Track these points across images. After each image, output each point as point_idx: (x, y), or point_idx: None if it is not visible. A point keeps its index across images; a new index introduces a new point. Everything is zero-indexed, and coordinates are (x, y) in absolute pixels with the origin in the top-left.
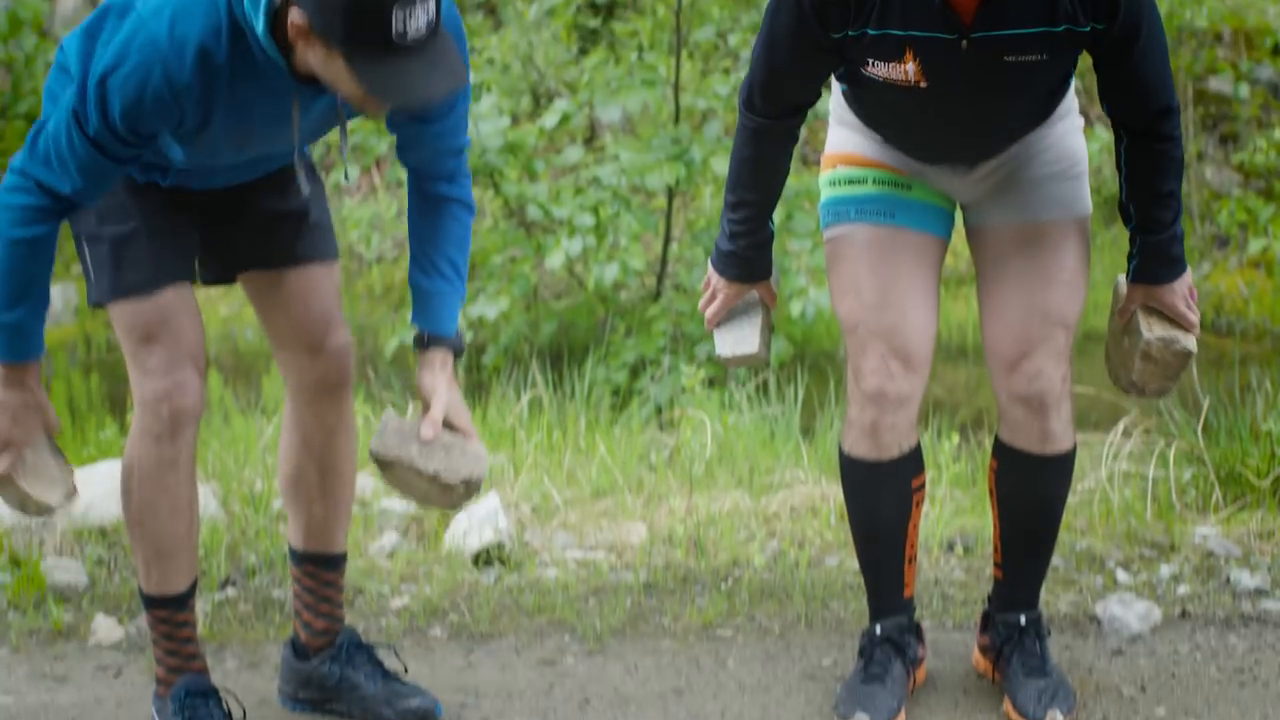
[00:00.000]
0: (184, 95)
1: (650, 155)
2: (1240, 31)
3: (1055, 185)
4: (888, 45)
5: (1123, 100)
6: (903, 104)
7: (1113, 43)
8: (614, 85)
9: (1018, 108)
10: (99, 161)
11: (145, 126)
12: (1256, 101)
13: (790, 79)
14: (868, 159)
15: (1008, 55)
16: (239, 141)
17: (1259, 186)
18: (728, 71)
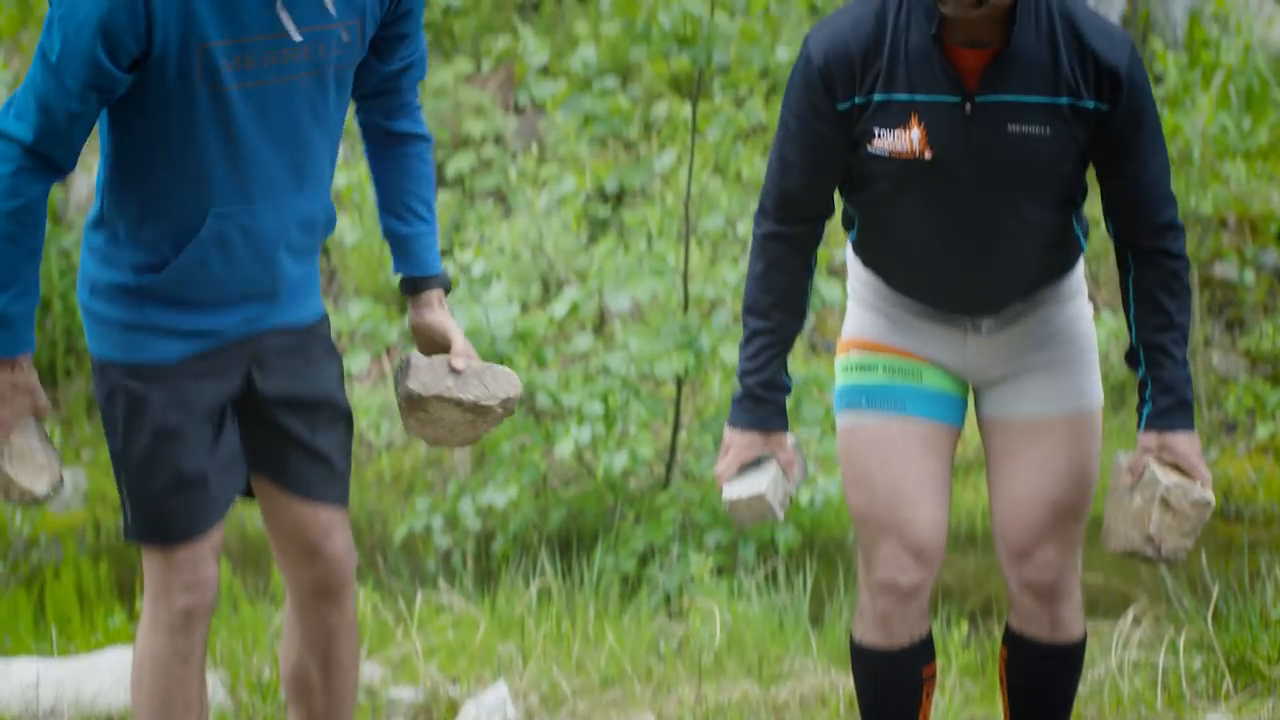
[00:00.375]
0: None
1: (659, 343)
2: (1245, 218)
3: (1067, 377)
4: (893, 111)
5: (1128, 210)
6: (909, 197)
7: (1116, 132)
8: (623, 274)
9: (1028, 212)
10: (66, 92)
11: (117, 30)
12: (1262, 287)
13: (800, 171)
14: (880, 344)
15: (1011, 124)
16: (239, 61)
17: (1266, 372)
18: (736, 260)
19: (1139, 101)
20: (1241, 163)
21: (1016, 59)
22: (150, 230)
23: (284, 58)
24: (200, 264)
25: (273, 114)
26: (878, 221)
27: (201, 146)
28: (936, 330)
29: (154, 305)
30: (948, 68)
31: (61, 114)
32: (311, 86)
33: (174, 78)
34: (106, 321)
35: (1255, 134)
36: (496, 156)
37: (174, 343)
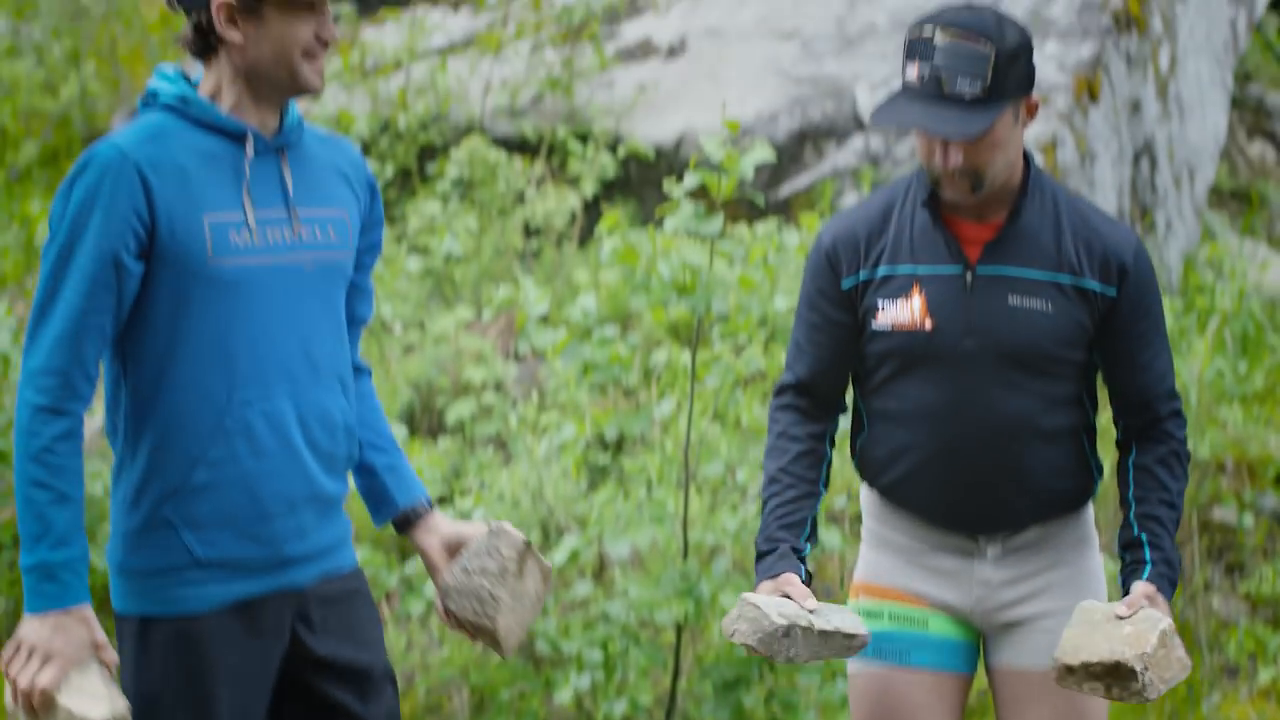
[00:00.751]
0: (138, 160)
1: (659, 590)
2: (1243, 462)
3: None
4: (896, 283)
5: (1134, 398)
6: (914, 381)
7: (1123, 319)
8: (623, 521)
9: (1035, 405)
10: (77, 291)
11: (116, 207)
12: (1261, 531)
13: (812, 357)
14: (886, 589)
15: (1012, 296)
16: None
17: (1267, 615)
18: (735, 507)
19: (1146, 292)
20: (1239, 407)
21: (1019, 234)
22: (175, 448)
23: (285, 236)
24: (231, 460)
25: (281, 295)
26: (886, 415)
27: (214, 330)
28: (943, 563)
29: (190, 534)
30: (950, 240)
31: (79, 328)
32: (315, 272)
33: (182, 255)
34: (141, 572)
35: (1251, 378)
36: (497, 403)
37: (213, 586)
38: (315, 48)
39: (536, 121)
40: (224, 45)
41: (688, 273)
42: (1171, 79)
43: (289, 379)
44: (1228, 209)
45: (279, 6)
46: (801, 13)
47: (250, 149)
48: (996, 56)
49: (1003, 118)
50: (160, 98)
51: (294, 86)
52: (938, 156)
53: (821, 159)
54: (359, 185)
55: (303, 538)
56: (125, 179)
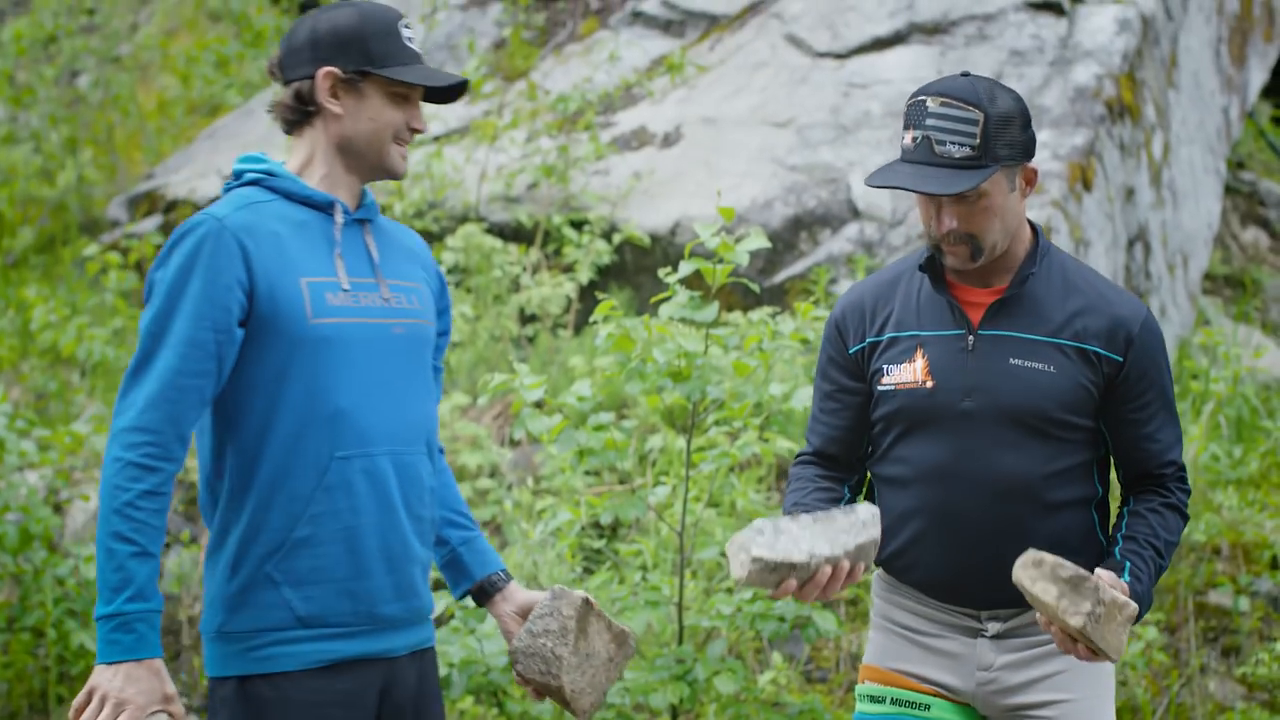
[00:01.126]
0: (235, 227)
1: (654, 674)
2: (1238, 545)
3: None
4: (900, 347)
5: (1136, 465)
6: (919, 445)
7: (1130, 387)
8: (618, 605)
9: (1039, 472)
10: (175, 353)
11: (217, 274)
12: (1257, 614)
13: (825, 425)
14: (890, 673)
15: (1013, 358)
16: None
17: (1263, 699)
18: (730, 590)
19: (1153, 363)
20: (1233, 491)
21: (1023, 299)
22: (278, 505)
23: (375, 301)
24: (332, 515)
25: (375, 356)
26: (890, 482)
27: (315, 388)
28: (945, 645)
29: (291, 590)
30: (953, 304)
31: (174, 390)
32: (404, 337)
33: (283, 317)
34: (241, 634)
35: (1246, 463)
36: (492, 488)
37: (311, 644)
38: (405, 134)
39: (532, 209)
40: (320, 116)
41: (683, 359)
42: (1165, 166)
43: (387, 438)
44: (1221, 295)
45: (379, 86)
46: (796, 102)
47: (339, 217)
48: (985, 121)
49: (994, 181)
50: (246, 175)
51: (381, 167)
52: (933, 221)
53: (816, 246)
54: (429, 270)
55: (398, 599)
56: (224, 246)
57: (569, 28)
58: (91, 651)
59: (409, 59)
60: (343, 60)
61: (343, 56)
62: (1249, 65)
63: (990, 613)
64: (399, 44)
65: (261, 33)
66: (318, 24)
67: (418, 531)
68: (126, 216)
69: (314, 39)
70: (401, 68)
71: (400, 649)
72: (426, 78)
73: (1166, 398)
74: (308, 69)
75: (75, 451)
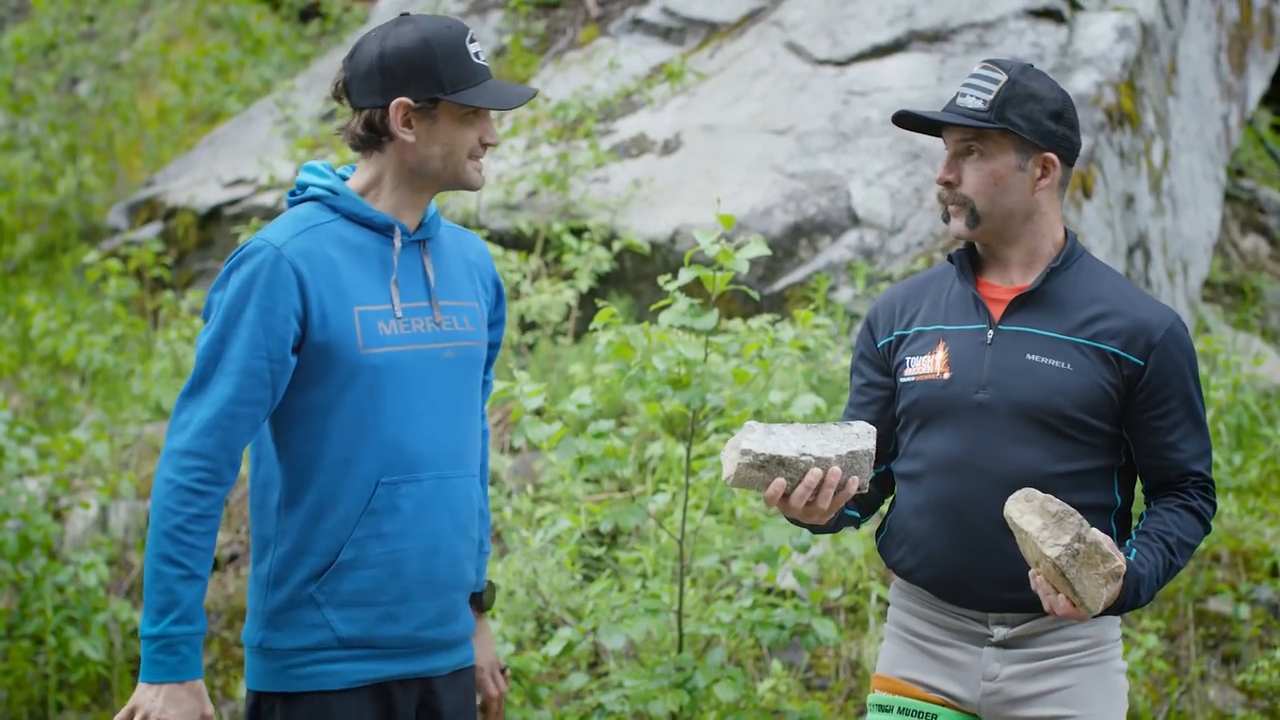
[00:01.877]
0: (292, 255)
1: (654, 682)
2: (1238, 553)
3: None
4: (924, 340)
5: (1160, 474)
6: (937, 438)
7: (1153, 392)
8: (618, 613)
9: (1055, 470)
10: (230, 380)
11: (273, 303)
12: (1257, 622)
13: (853, 413)
14: (899, 681)
15: (1030, 354)
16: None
17: (1263, 706)
18: (730, 598)
19: (1177, 369)
20: (1234, 499)
21: (1047, 297)
22: (324, 527)
23: (427, 325)
24: (378, 539)
25: (425, 381)
26: (907, 478)
27: (364, 415)
28: (952, 654)
29: (334, 612)
30: (978, 300)
31: (227, 417)
32: (455, 360)
33: (335, 345)
34: (283, 651)
35: (1246, 470)
36: (492, 496)
37: (353, 664)
38: (479, 150)
39: (532, 216)
40: (391, 142)
41: (683, 366)
42: (1165, 174)
43: (434, 462)
44: (1221, 302)
45: (452, 111)
46: (796, 109)
47: (398, 241)
48: (1006, 83)
49: (999, 145)
50: (310, 190)
51: (457, 183)
52: (939, 174)
53: (816, 254)
54: (486, 280)
55: (440, 624)
56: (281, 275)
57: (569, 35)
58: (90, 659)
59: (479, 76)
60: (415, 89)
61: (414, 85)
62: (1249, 73)
63: (998, 616)
64: (469, 64)
65: (261, 40)
66: (385, 48)
67: (465, 555)
68: (126, 224)
69: (383, 65)
70: (473, 89)
71: (443, 669)
72: (500, 99)
73: (1192, 407)
74: (378, 99)
75: (75, 459)
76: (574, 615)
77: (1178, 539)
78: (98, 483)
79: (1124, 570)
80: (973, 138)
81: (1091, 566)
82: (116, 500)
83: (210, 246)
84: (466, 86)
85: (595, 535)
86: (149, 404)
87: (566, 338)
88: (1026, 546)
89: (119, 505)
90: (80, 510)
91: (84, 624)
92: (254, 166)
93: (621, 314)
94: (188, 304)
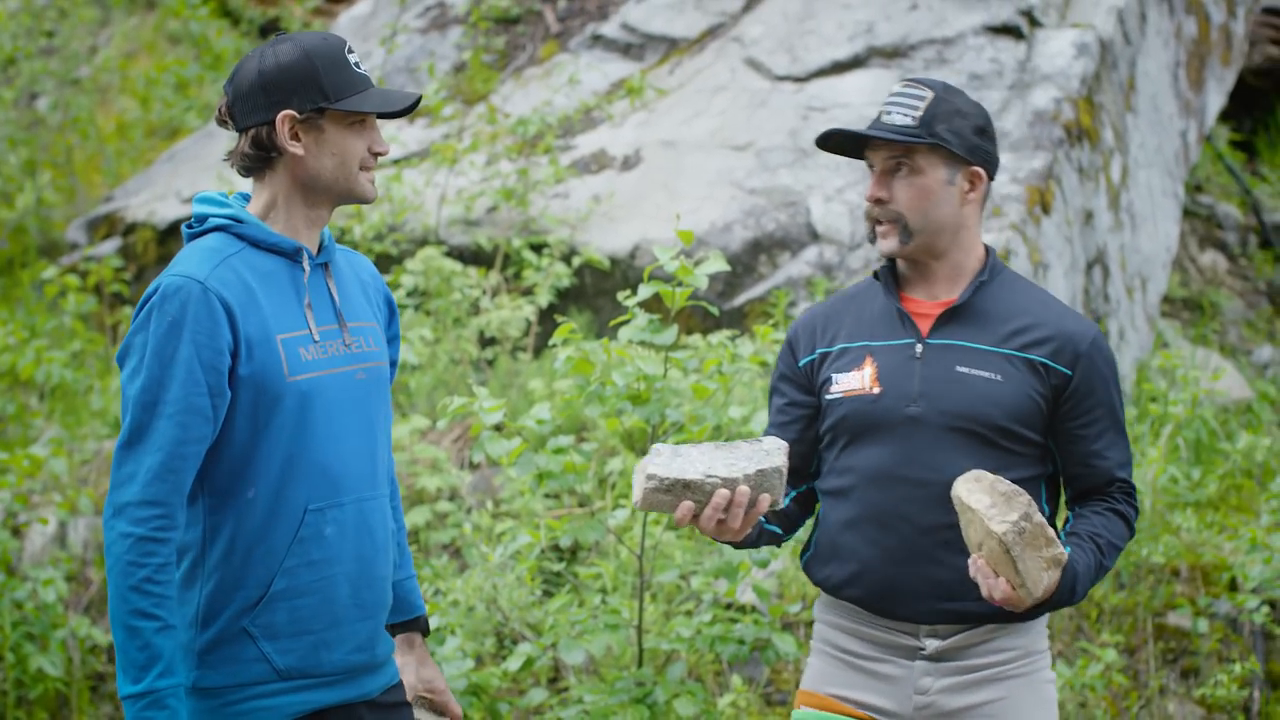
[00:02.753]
0: (216, 288)
1: (614, 697)
2: (1196, 567)
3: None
4: (850, 356)
5: (1084, 481)
6: (865, 452)
7: (1079, 402)
8: (578, 628)
9: (968, 467)
10: (173, 422)
11: (207, 338)
12: (1216, 636)
13: (773, 431)
14: (826, 698)
15: (960, 365)
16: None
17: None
18: (690, 613)
19: (1102, 379)
20: (1192, 513)
21: (973, 310)
22: (254, 559)
23: (339, 349)
24: (307, 567)
25: (342, 405)
26: (834, 494)
27: (289, 443)
28: (883, 668)
29: (269, 644)
30: (904, 315)
31: (177, 459)
32: (366, 382)
33: (261, 376)
34: (217, 690)
35: (1204, 484)
36: (452, 511)
37: (290, 696)
38: (369, 160)
39: (491, 232)
40: (281, 159)
41: (642, 382)
42: (1123, 190)
43: (353, 487)
44: (1180, 318)
45: (336, 120)
46: (755, 125)
47: (307, 265)
48: (932, 100)
49: (929, 161)
50: (211, 220)
51: (351, 195)
52: (870, 191)
53: (776, 269)
54: (379, 300)
55: (371, 646)
56: (211, 309)
57: (529, 51)
58: (49, 675)
59: (361, 85)
60: (298, 101)
61: (297, 97)
62: (1207, 89)
63: (929, 629)
64: (350, 73)
65: (221, 55)
66: (264, 66)
67: (384, 574)
68: (85, 239)
69: (263, 82)
70: (357, 96)
71: (372, 691)
72: (384, 103)
73: (1116, 417)
74: (263, 114)
75: (33, 475)
76: (534, 630)
77: (1107, 540)
78: (56, 499)
79: (1065, 559)
80: (902, 154)
81: (1036, 549)
82: (75, 516)
83: (169, 262)
84: (350, 94)
85: (555, 550)
86: (108, 420)
87: (526, 353)
88: (971, 528)
89: (78, 521)
90: (39, 526)
91: (42, 640)
92: (213, 182)
93: (581, 329)
94: None
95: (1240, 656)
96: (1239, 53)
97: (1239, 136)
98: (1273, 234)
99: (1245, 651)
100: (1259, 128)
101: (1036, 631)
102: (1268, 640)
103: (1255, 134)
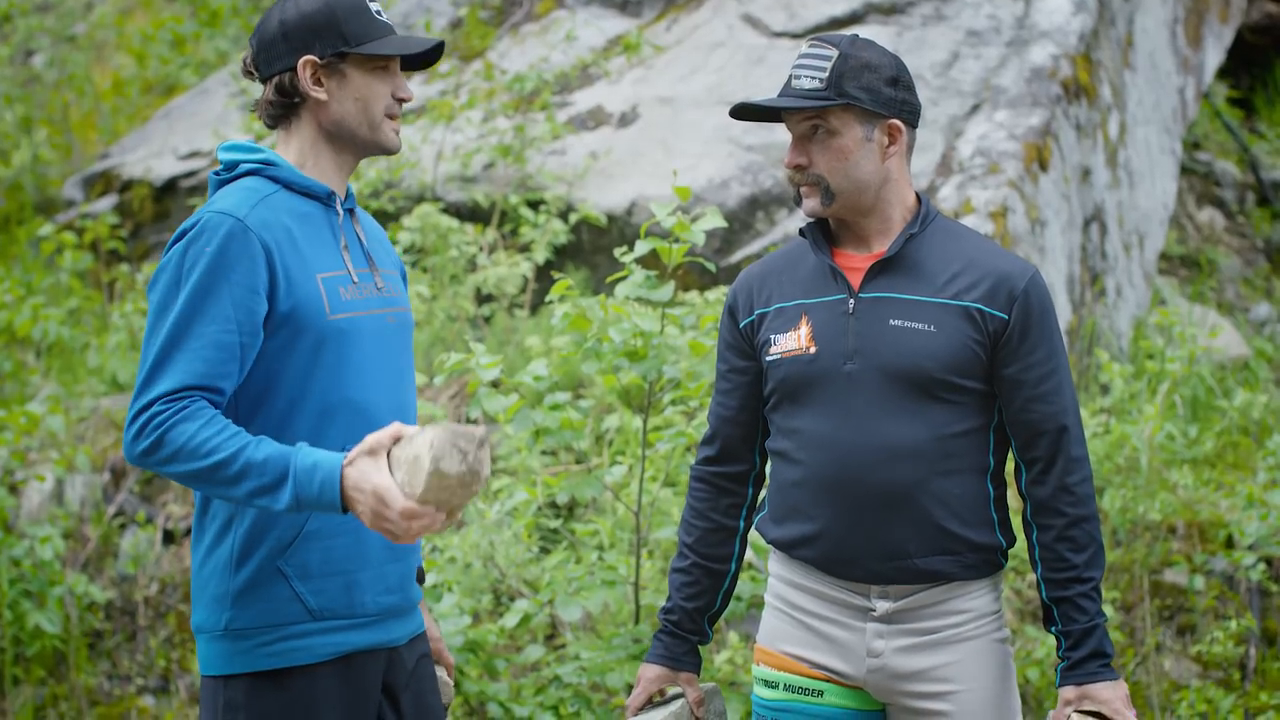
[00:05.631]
0: (257, 227)
1: (611, 654)
2: (1193, 524)
3: (985, 715)
4: (786, 316)
5: (1028, 425)
6: (807, 414)
7: (1014, 344)
8: (575, 585)
9: (927, 434)
10: (198, 357)
11: (243, 276)
12: (1212, 593)
13: (721, 405)
14: (783, 657)
15: (894, 319)
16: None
17: (1218, 677)
18: None
19: (1040, 320)
20: (1189, 470)
21: (904, 261)
22: None
23: (373, 292)
24: None
25: (379, 347)
26: (781, 456)
27: (331, 384)
28: (835, 631)
29: (302, 584)
30: (835, 270)
31: (199, 385)
32: (396, 325)
33: (303, 315)
34: (250, 630)
35: (1201, 442)
36: None
37: (322, 637)
38: (394, 106)
39: (488, 189)
40: (306, 106)
41: (639, 338)
42: (1121, 147)
43: None
44: (1177, 275)
45: (359, 65)
46: (752, 82)
47: (339, 207)
48: (838, 59)
49: (843, 121)
50: (243, 166)
51: (375, 143)
52: (786, 159)
53: (772, 225)
54: (396, 256)
55: (400, 588)
56: (250, 249)
57: (525, 7)
58: (46, 633)
59: (383, 31)
60: (319, 46)
61: (319, 42)
62: (1205, 46)
63: (880, 589)
64: (370, 19)
65: (217, 12)
66: (285, 15)
67: None
68: (82, 196)
69: (285, 30)
70: (378, 41)
71: (401, 638)
72: (404, 46)
73: (1058, 359)
74: (286, 61)
75: (30, 432)
76: (531, 587)
77: (1086, 574)
78: (54, 456)
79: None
80: (815, 117)
81: None
82: (72, 474)
83: (166, 219)
84: (371, 39)
85: (552, 507)
86: (105, 377)
87: (523, 310)
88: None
89: (75, 479)
90: (36, 484)
91: (40, 598)
92: (210, 139)
93: (578, 286)
94: (143, 277)
95: (1236, 613)
96: (1237, 9)
97: (1237, 94)
98: (1270, 191)
99: (1241, 608)
100: (1257, 85)
101: (989, 594)
102: (1264, 597)
103: (1253, 91)
